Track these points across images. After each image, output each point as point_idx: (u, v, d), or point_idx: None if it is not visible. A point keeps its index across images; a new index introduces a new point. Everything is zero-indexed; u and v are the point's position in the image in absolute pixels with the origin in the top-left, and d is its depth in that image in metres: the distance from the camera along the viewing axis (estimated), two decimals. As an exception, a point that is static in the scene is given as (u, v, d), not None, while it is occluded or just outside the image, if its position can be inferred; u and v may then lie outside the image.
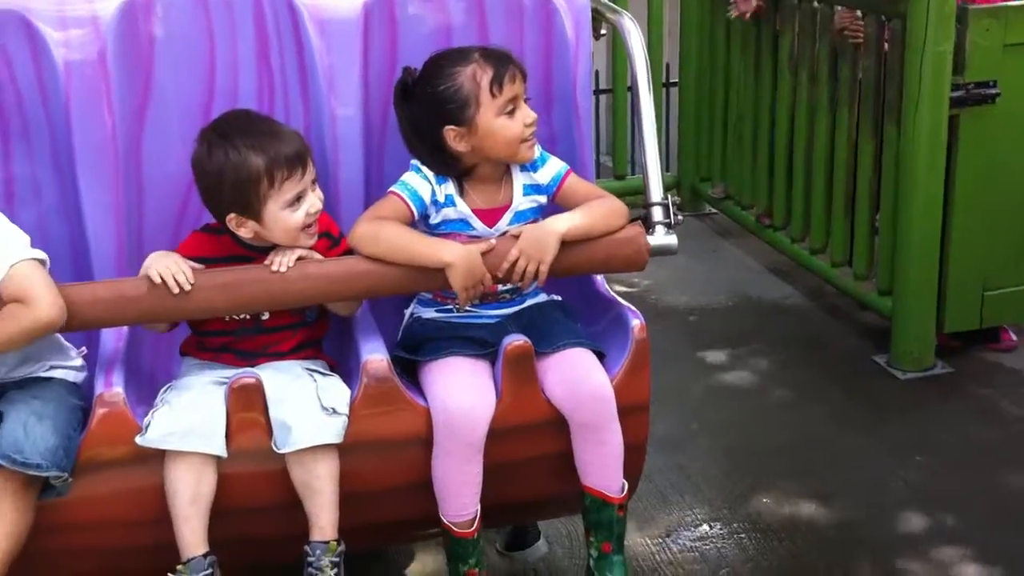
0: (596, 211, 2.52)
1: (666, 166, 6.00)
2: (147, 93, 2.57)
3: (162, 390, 2.39)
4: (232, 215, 2.37)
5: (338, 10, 2.60)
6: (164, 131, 2.57)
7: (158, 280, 2.28)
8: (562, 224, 2.46)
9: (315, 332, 2.55)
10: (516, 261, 2.41)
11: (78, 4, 2.49)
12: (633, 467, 2.56)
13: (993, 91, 3.82)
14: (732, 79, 5.21)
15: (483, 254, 2.41)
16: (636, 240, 2.52)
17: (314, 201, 2.38)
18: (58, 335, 2.41)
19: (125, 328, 2.46)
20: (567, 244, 2.44)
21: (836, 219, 4.49)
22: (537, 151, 2.60)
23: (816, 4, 4.48)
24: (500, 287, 2.55)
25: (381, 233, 2.41)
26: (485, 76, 2.47)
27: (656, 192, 2.62)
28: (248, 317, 2.45)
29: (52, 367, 2.42)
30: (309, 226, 2.38)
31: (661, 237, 2.59)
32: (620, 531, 2.54)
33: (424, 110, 2.52)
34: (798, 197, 4.73)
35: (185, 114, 2.58)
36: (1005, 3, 3.91)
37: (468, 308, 2.52)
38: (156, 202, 2.60)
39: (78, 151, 2.48)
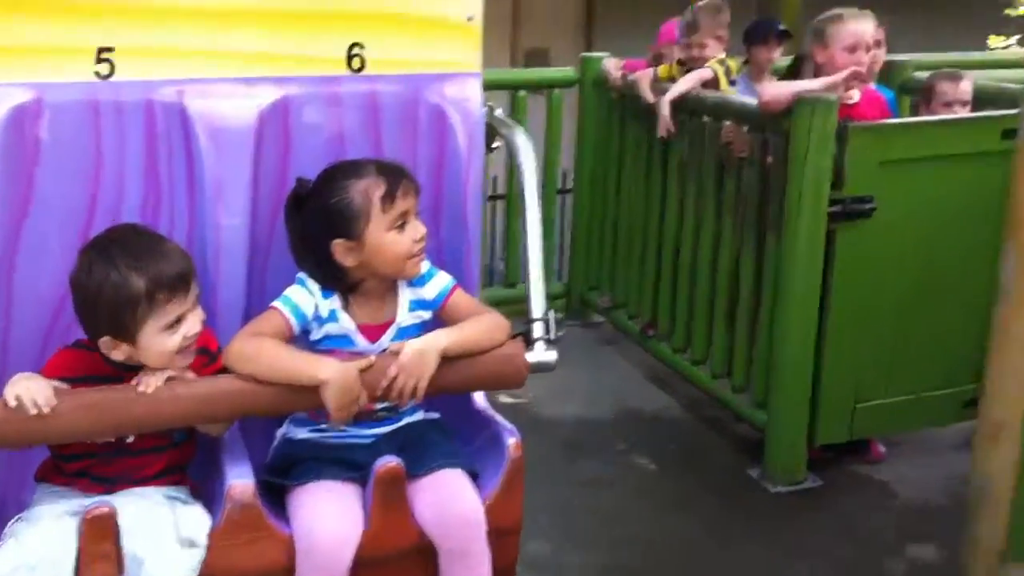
0: (477, 327, 2.51)
1: (558, 274, 6.09)
2: (27, 201, 2.48)
3: (11, 522, 2.28)
4: (106, 337, 2.29)
5: (231, 118, 2.56)
6: (41, 242, 2.49)
7: (13, 403, 2.18)
8: (442, 341, 2.44)
9: (183, 455, 2.47)
10: (395, 379, 2.38)
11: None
12: None
13: (869, 206, 3.95)
14: (623, 188, 5.31)
15: (361, 371, 2.37)
16: (515, 359, 2.51)
17: (194, 324, 2.32)
18: None
19: None
20: (446, 361, 2.43)
21: (717, 330, 4.57)
22: (425, 266, 2.59)
23: (705, 118, 4.60)
24: (377, 405, 2.52)
25: (256, 351, 2.36)
26: (377, 191, 2.46)
27: (538, 308, 2.63)
28: (111, 440, 2.36)
29: None
30: (183, 350, 2.31)
31: (540, 354, 2.59)
32: None
33: (315, 222, 2.50)
34: (682, 307, 4.82)
35: (65, 225, 2.50)
36: (882, 121, 4.08)
37: (342, 428, 2.48)
38: (26, 316, 2.50)
39: None
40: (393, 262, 2.50)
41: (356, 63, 2.66)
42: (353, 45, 2.65)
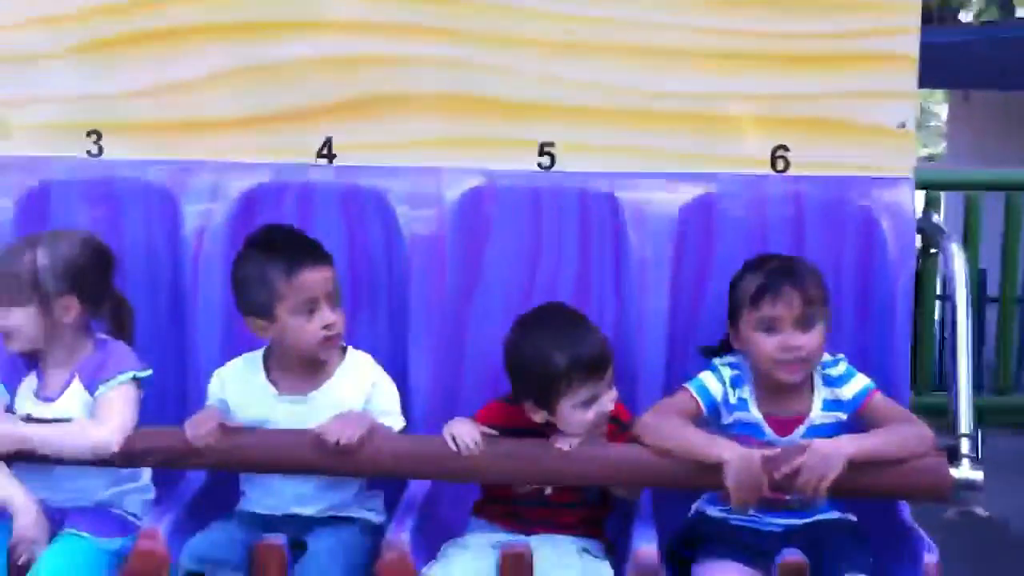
0: (892, 436, 2.43)
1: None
2: (479, 273, 2.81)
3: (445, 544, 2.52)
4: (529, 402, 2.51)
5: (656, 210, 2.74)
6: (487, 311, 2.79)
7: (451, 444, 2.44)
8: (850, 447, 2.39)
9: (596, 513, 2.61)
10: (797, 474, 2.36)
11: (428, 184, 2.78)
12: None
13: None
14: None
15: (764, 459, 2.38)
16: (936, 471, 2.40)
17: (607, 403, 2.47)
18: (363, 488, 2.61)
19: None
20: (857, 465, 2.37)
21: None
22: (843, 367, 2.57)
23: None
24: (787, 496, 2.50)
25: (663, 424, 2.46)
26: (753, 286, 2.50)
27: (965, 421, 2.51)
28: (532, 489, 2.55)
29: (355, 508, 2.61)
30: (599, 426, 2.48)
31: (966, 471, 2.45)
32: None
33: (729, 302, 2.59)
34: None
35: (508, 298, 2.78)
36: None
37: (751, 512, 2.49)
38: (476, 374, 2.79)
39: (412, 313, 2.75)
40: (760, 362, 2.50)
41: (780, 164, 2.76)
42: (778, 148, 2.74)
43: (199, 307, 2.79)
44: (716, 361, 2.61)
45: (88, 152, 2.87)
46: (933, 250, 2.86)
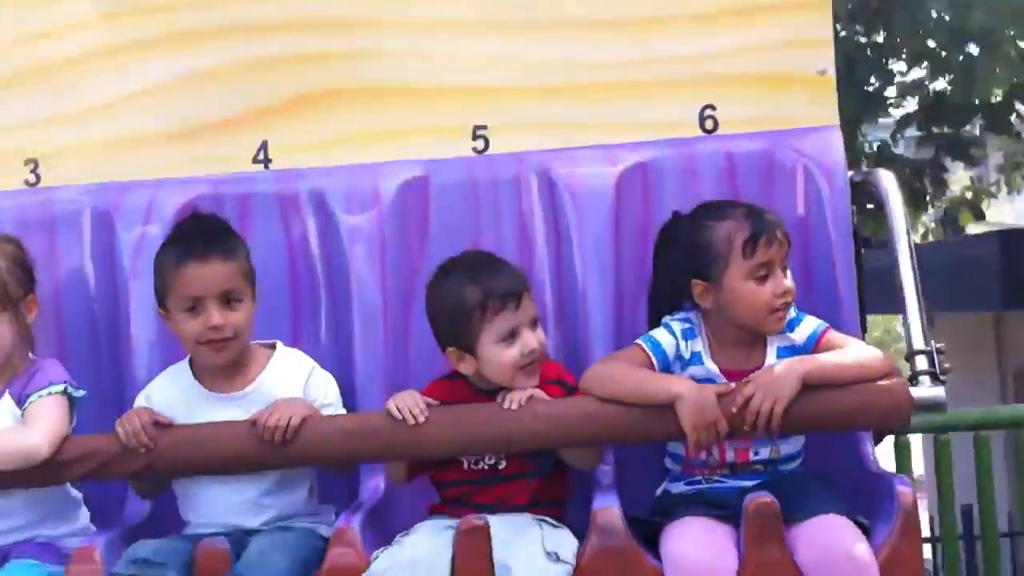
0: (848, 355, 2.38)
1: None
2: (419, 261, 2.79)
3: (398, 535, 2.43)
4: (451, 348, 2.46)
5: (592, 180, 2.75)
6: None
7: (396, 413, 2.38)
8: (804, 364, 2.35)
9: (553, 487, 2.53)
10: (750, 399, 2.31)
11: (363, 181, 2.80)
12: None
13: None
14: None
15: (718, 395, 2.33)
16: (894, 390, 2.34)
17: (530, 339, 2.42)
18: (314, 498, 2.55)
19: (381, 485, 2.58)
20: (812, 390, 2.32)
21: None
22: (792, 311, 2.51)
23: None
24: (752, 455, 2.45)
25: (610, 371, 2.42)
26: (740, 235, 2.43)
27: (918, 338, 2.47)
28: (485, 467, 2.49)
29: (304, 519, 2.53)
30: (525, 366, 2.41)
31: (926, 389, 2.41)
32: None
33: (677, 258, 2.52)
34: None
35: None
36: None
37: (716, 479, 2.45)
38: (422, 359, 2.73)
39: (355, 310, 2.73)
40: (750, 313, 2.44)
41: (709, 124, 2.78)
42: (705, 107, 2.78)
43: (134, 332, 2.74)
44: (666, 318, 2.56)
45: (26, 181, 2.89)
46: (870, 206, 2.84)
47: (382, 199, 2.78)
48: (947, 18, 8.13)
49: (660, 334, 2.52)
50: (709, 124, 2.78)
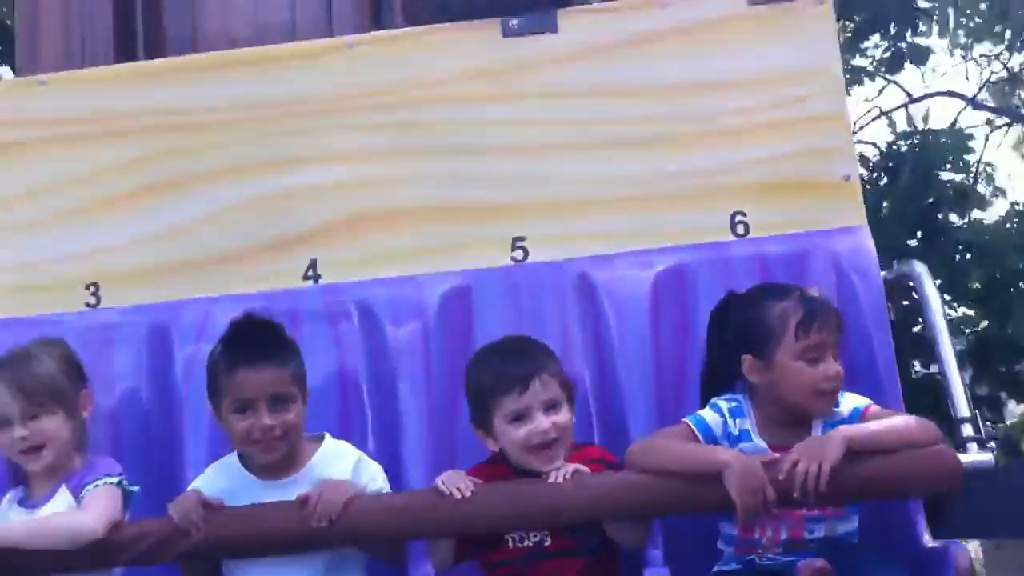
0: (892, 422, 2.39)
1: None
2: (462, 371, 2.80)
3: None
4: (477, 428, 2.56)
5: (629, 283, 2.86)
6: None
7: (443, 488, 2.40)
8: (850, 429, 2.36)
9: (602, 568, 2.50)
10: (796, 463, 2.30)
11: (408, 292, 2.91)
12: None
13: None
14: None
15: (764, 463, 2.32)
16: (942, 453, 2.33)
17: (540, 421, 2.45)
18: None
19: (431, 573, 2.57)
20: (859, 456, 2.30)
21: None
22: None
23: None
24: (806, 535, 2.42)
25: (654, 444, 2.44)
26: (795, 316, 2.46)
27: (962, 406, 2.48)
28: (531, 543, 2.47)
29: None
30: (537, 447, 2.44)
31: (974, 455, 2.40)
32: None
33: (730, 335, 2.55)
34: None
35: None
36: None
37: (769, 556, 2.41)
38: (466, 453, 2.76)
39: (403, 418, 2.80)
40: (799, 392, 2.45)
41: (740, 228, 2.90)
42: (735, 214, 2.89)
43: (187, 449, 2.81)
44: (713, 399, 2.57)
45: (86, 304, 3.01)
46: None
47: (425, 308, 2.89)
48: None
49: (706, 413, 2.53)
50: (740, 229, 2.89)
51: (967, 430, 2.46)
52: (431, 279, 2.93)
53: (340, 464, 2.56)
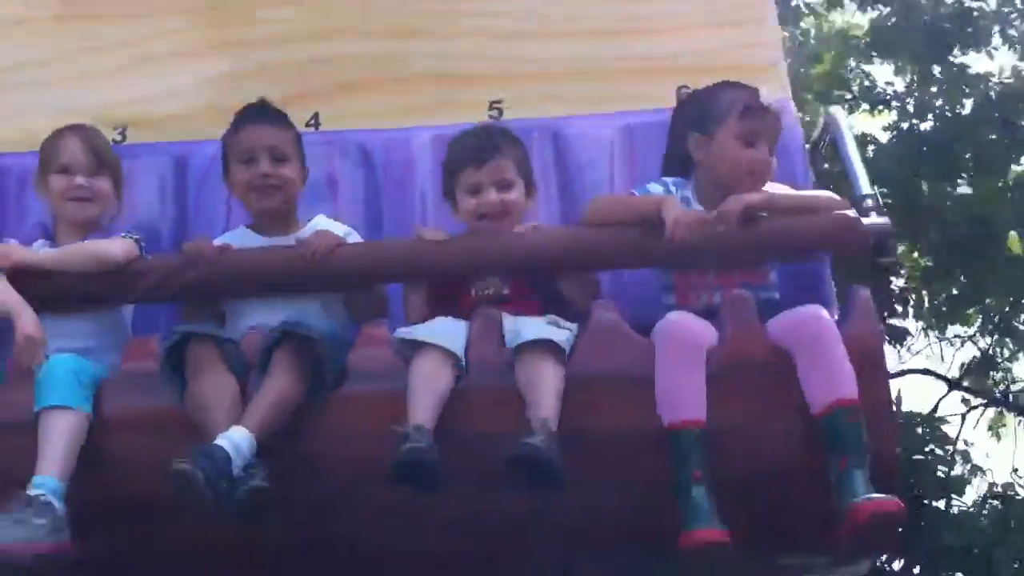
0: (802, 191, 2.89)
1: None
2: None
3: None
4: (446, 196, 2.99)
5: (590, 142, 3.37)
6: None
7: (425, 235, 2.85)
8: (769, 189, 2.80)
9: (554, 310, 2.79)
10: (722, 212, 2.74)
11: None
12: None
13: None
14: None
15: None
16: (844, 215, 2.74)
17: (491, 195, 2.84)
18: None
19: None
20: (773, 203, 2.75)
21: None
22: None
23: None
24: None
25: (601, 200, 2.92)
26: (741, 102, 2.83)
27: (864, 185, 2.92)
28: (491, 292, 2.83)
29: None
30: (484, 217, 2.84)
31: (875, 219, 2.78)
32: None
33: (685, 116, 2.97)
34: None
35: None
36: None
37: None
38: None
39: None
40: (732, 169, 2.80)
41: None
42: (681, 87, 3.38)
43: None
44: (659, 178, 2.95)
45: (113, 140, 3.39)
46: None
47: (411, 149, 3.36)
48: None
49: (651, 185, 2.91)
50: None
51: (867, 202, 2.85)
52: (418, 129, 3.39)
53: (335, 227, 2.96)
